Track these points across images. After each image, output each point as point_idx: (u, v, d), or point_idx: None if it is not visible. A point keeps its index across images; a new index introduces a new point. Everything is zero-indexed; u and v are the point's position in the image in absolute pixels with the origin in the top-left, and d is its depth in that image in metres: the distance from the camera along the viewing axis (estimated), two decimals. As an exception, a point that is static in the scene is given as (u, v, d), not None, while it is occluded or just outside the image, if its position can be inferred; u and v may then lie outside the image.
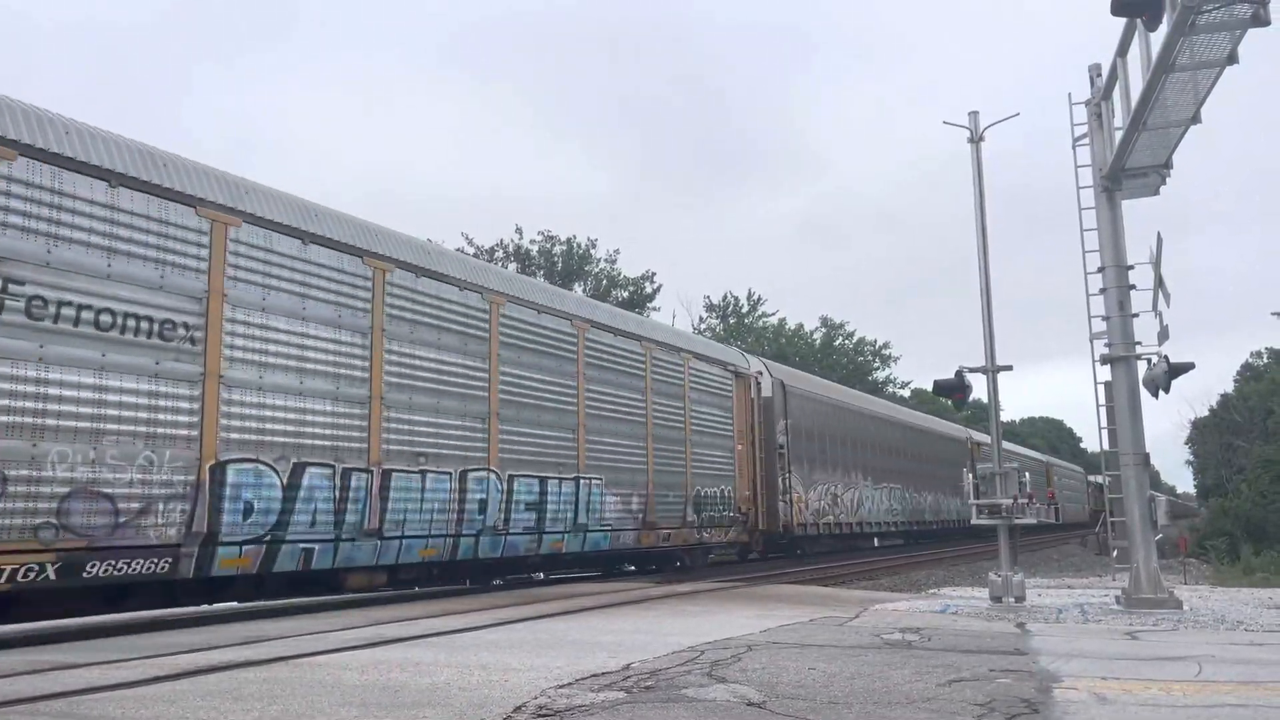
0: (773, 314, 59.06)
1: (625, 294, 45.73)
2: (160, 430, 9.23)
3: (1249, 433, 55.64)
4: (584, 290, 43.86)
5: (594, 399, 15.92)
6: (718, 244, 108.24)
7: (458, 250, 36.45)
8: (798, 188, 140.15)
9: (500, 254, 43.75)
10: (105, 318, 8.88)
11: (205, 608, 11.60)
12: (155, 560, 9.15)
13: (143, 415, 9.09)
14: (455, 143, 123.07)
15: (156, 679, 6.02)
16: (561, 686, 5.68)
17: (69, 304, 8.61)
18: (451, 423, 12.80)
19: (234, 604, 11.98)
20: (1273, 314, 43.74)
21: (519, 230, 44.97)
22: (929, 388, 14.69)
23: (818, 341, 62.05)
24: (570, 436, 15.28)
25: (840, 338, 63.83)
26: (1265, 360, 63.60)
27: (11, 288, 8.21)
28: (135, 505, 8.98)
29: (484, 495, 13.23)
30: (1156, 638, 8.66)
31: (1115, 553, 12.21)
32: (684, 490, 18.32)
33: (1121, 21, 10.41)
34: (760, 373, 22.79)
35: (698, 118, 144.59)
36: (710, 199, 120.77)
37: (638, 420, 17.10)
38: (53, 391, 8.41)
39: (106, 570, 8.75)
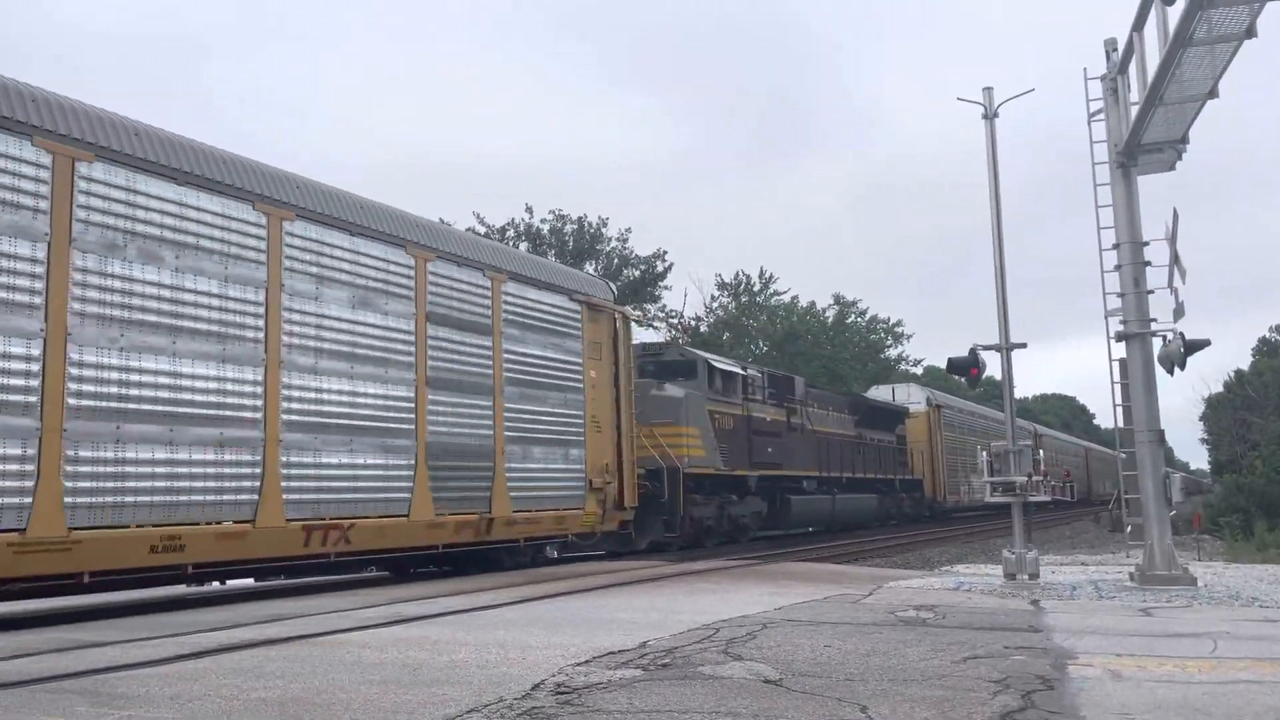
0: (784, 292, 58.83)
1: (636, 273, 45.57)
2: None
3: (1264, 408, 55.40)
4: (595, 270, 43.71)
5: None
6: (760, 215, 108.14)
7: (468, 230, 36.35)
8: (850, 158, 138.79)
9: (511, 233, 43.62)
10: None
11: (222, 587, 11.70)
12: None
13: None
14: (521, 108, 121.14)
15: (179, 657, 6.10)
16: (579, 664, 5.73)
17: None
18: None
19: (252, 582, 12.08)
20: None
21: (529, 209, 44.73)
22: (943, 365, 14.66)
23: (830, 319, 61.77)
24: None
25: (853, 315, 63.51)
26: (1281, 336, 63.20)
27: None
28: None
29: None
30: (1171, 614, 8.67)
31: (1129, 530, 12.21)
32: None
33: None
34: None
35: (767, 80, 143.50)
36: (765, 166, 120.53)
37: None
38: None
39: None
